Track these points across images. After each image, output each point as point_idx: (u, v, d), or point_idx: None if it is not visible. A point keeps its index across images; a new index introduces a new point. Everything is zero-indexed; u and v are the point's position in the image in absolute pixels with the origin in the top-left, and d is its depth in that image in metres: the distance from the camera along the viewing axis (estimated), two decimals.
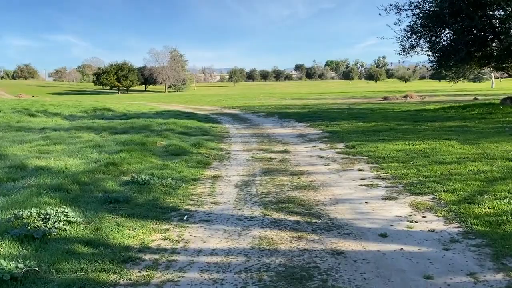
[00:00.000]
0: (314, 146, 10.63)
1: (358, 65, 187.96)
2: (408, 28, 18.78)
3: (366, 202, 5.64)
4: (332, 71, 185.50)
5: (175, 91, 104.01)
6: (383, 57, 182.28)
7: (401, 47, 18.96)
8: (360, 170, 7.63)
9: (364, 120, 16.64)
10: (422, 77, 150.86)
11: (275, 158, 9.09)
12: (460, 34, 17.21)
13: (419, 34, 18.50)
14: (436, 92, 47.76)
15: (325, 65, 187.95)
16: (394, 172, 7.23)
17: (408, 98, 35.84)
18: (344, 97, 43.26)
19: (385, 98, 35.92)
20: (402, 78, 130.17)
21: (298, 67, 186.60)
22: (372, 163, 8.13)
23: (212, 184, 6.92)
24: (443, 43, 17.99)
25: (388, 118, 17.00)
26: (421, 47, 18.79)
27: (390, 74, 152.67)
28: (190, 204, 5.76)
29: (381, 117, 17.63)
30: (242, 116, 22.24)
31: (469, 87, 60.56)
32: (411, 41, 18.81)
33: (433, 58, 19.14)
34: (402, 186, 6.35)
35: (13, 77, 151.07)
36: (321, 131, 13.89)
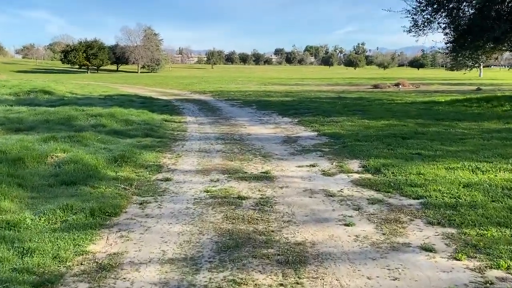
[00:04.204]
0: (313, 166, 6.50)
1: (338, 51, 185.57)
2: None
3: None
4: (312, 56, 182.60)
5: (148, 72, 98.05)
6: (363, 44, 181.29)
7: (413, 21, 14.89)
8: (426, 250, 3.54)
9: (368, 115, 12.62)
10: (401, 65, 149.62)
11: (248, 199, 4.92)
12: (489, 9, 13.26)
13: (436, 5, 14.44)
14: (429, 80, 44.31)
15: (304, 50, 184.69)
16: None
17: (401, 86, 32.17)
18: (328, 83, 39.29)
19: (376, 86, 32.23)
20: (381, 65, 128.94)
21: (278, 52, 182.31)
22: (438, 223, 4.07)
23: None
24: (468, 17, 13.98)
25: (397, 114, 13.04)
26: (438, 23, 14.76)
27: (369, 61, 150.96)
28: None
29: (387, 112, 13.66)
30: (213, 105, 17.93)
31: (452, 76, 57.43)
32: (425, 14, 14.74)
33: (451, 37, 15.15)
34: None
35: None
36: (316, 133, 9.76)
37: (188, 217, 4.34)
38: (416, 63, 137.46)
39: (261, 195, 5.07)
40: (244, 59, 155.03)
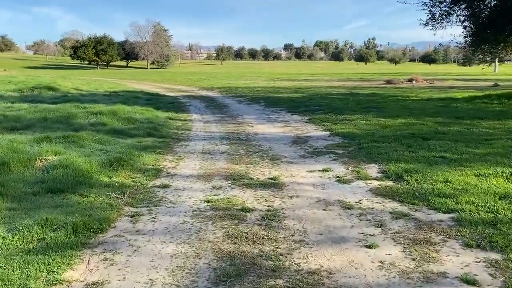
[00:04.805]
0: (326, 171, 5.89)
1: (348, 46, 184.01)
2: None
3: None
4: (322, 51, 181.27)
5: (158, 68, 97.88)
6: (373, 39, 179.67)
7: (430, 14, 14.11)
8: (467, 283, 2.91)
9: (383, 113, 11.93)
10: (412, 60, 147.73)
11: (254, 211, 4.34)
12: None
13: None
14: (442, 75, 43.22)
15: (314, 45, 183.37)
16: None
17: (414, 82, 31.31)
18: (339, 79, 38.49)
19: (389, 82, 31.41)
20: (392, 60, 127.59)
21: (287, 47, 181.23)
22: (478, 246, 3.44)
23: None
24: (490, 8, 13.16)
25: (413, 111, 12.34)
26: (457, 16, 13.97)
27: (380, 56, 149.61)
28: None
29: (403, 109, 12.96)
30: (220, 101, 17.35)
31: (466, 71, 56.13)
32: (443, 6, 13.96)
33: (470, 31, 14.34)
34: None
35: None
36: (328, 133, 9.13)
37: (184, 234, 3.77)
38: (427, 58, 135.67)
39: (268, 206, 4.48)
40: (253, 54, 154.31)
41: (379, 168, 5.99)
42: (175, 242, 3.62)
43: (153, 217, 4.21)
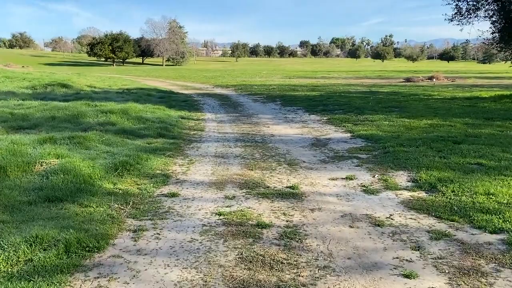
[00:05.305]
0: (350, 179, 5.35)
1: (365, 43, 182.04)
2: None
3: None
4: (338, 48, 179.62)
5: (173, 65, 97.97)
6: (390, 36, 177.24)
7: (456, 9, 13.36)
8: None
9: (406, 113, 11.29)
10: (430, 57, 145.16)
11: (271, 227, 3.83)
12: None
13: None
14: (463, 73, 41.98)
15: (330, 42, 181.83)
16: None
17: (435, 80, 30.37)
18: (356, 76, 37.66)
19: (408, 80, 30.48)
20: (410, 58, 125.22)
21: (303, 44, 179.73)
22: None
23: None
24: None
25: (438, 111, 11.66)
26: (485, 10, 13.19)
27: (397, 53, 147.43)
28: None
29: (427, 109, 12.28)
30: (234, 100, 16.87)
31: (487, 69, 54.56)
32: (470, 0, 13.20)
33: (499, 26, 13.55)
34: None
35: (10, 46, 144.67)
36: (349, 135, 8.57)
37: (192, 256, 3.29)
38: (446, 56, 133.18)
39: (287, 221, 3.97)
40: (268, 51, 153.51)
41: (408, 176, 5.42)
42: (180, 265, 3.14)
43: (157, 233, 3.75)
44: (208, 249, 3.40)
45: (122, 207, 4.35)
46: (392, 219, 4.02)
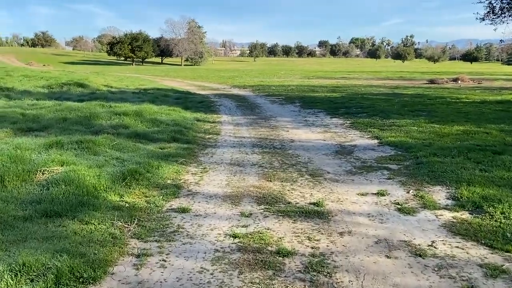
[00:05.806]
0: (381, 195, 4.77)
1: (385, 44, 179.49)
2: None
3: None
4: (357, 48, 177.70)
5: (192, 65, 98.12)
6: (411, 36, 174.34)
7: (489, 7, 12.56)
8: None
9: (435, 118, 10.59)
10: (452, 58, 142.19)
11: (294, 255, 3.29)
12: None
13: None
14: (489, 75, 40.54)
15: (350, 42, 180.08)
16: None
17: (460, 82, 29.28)
18: (377, 77, 36.71)
19: (432, 81, 29.47)
20: (431, 59, 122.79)
21: (322, 44, 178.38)
22: None
23: None
24: None
25: (470, 116, 10.91)
26: None
27: (418, 54, 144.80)
28: None
29: (457, 113, 11.54)
30: (252, 101, 16.37)
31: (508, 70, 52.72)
32: None
33: None
34: None
35: (33, 45, 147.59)
36: (376, 141, 7.96)
37: None
38: (468, 57, 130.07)
39: (312, 248, 3.44)
40: (287, 51, 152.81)
41: (447, 192, 4.82)
42: None
43: (163, 259, 3.26)
44: (221, 284, 2.90)
45: (127, 225, 3.89)
46: (435, 247, 3.45)
